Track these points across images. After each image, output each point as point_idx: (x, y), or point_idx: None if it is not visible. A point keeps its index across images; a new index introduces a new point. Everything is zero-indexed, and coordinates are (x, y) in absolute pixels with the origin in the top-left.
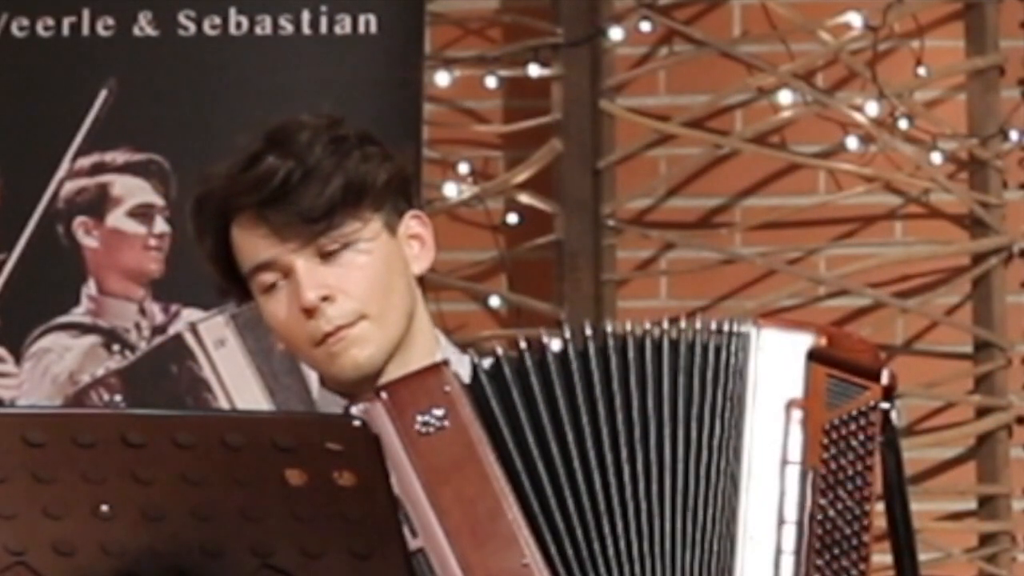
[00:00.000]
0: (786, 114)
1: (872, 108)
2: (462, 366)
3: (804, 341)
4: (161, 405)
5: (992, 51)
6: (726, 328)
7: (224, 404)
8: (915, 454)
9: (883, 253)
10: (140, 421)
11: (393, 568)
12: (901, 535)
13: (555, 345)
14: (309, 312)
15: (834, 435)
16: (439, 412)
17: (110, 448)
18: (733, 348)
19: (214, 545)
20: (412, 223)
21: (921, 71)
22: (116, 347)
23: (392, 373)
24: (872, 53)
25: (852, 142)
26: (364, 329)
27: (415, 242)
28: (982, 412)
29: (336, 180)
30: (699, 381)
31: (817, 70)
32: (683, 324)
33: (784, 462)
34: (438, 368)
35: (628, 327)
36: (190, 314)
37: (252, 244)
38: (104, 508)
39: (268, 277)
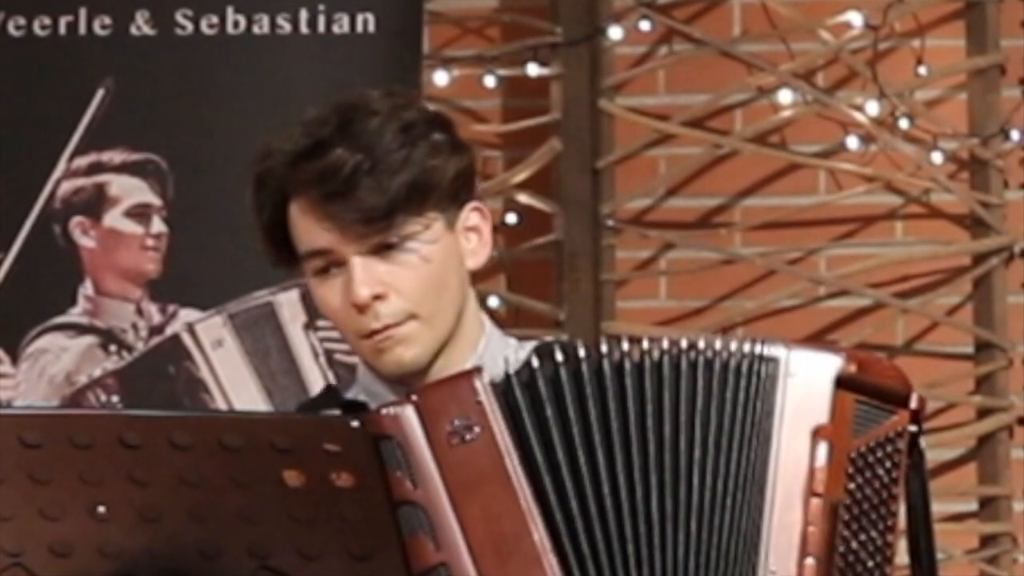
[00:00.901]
0: (786, 114)
1: (872, 108)
2: (507, 351)
3: (833, 365)
4: (158, 406)
5: (993, 50)
6: (758, 350)
7: (222, 405)
8: None
9: (883, 253)
10: (137, 422)
11: (391, 570)
12: (923, 560)
13: (591, 358)
14: (360, 308)
15: (860, 463)
16: (470, 422)
17: (107, 449)
18: (764, 372)
19: (211, 546)
20: (472, 215)
21: (922, 70)
22: (113, 348)
23: (437, 366)
24: (872, 52)
25: (852, 142)
26: (412, 329)
27: (473, 235)
28: (983, 413)
29: (401, 177)
30: (730, 406)
31: (817, 69)
32: (718, 343)
33: (808, 493)
34: (470, 376)
35: (666, 344)
36: (187, 314)
37: (310, 229)
38: (101, 509)
39: (322, 263)
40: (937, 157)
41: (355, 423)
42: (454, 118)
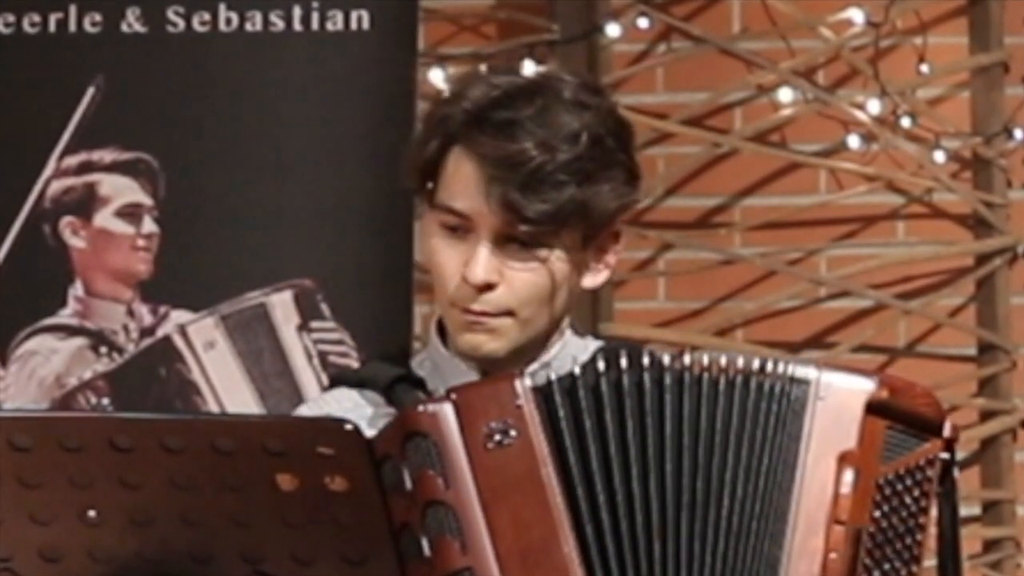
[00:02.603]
0: (786, 112)
1: (874, 106)
2: (580, 353)
3: (864, 390)
4: (150, 408)
5: (996, 48)
6: (791, 372)
7: (214, 407)
8: None
9: (885, 254)
10: (128, 425)
11: (386, 575)
12: None
13: (633, 369)
14: (471, 284)
15: (887, 491)
16: (508, 426)
17: (97, 452)
18: (794, 395)
19: (203, 551)
20: (608, 243)
21: (924, 68)
22: (104, 349)
23: (510, 359)
24: (874, 50)
25: (853, 141)
26: (505, 324)
27: (601, 255)
28: (986, 416)
29: (574, 193)
30: (761, 430)
31: (818, 67)
32: (756, 363)
33: (832, 519)
34: (511, 379)
35: (706, 360)
36: (179, 316)
37: (462, 191)
38: (91, 513)
39: (455, 222)
40: (939, 156)
41: (349, 426)
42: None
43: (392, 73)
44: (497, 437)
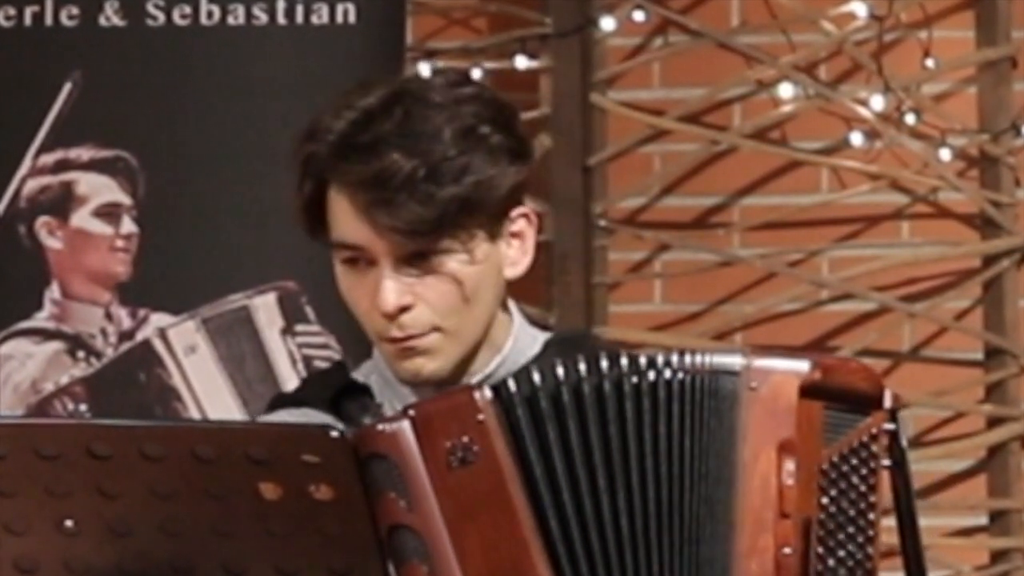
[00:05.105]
0: (787, 108)
1: (877, 102)
2: (531, 349)
3: (796, 374)
4: (129, 415)
5: (1004, 42)
6: (716, 363)
7: (195, 414)
8: (923, 467)
9: (889, 255)
10: (106, 432)
11: None
12: (911, 561)
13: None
14: (384, 315)
15: (833, 474)
16: (470, 443)
17: (75, 460)
18: (726, 388)
19: (184, 562)
20: (519, 221)
21: (929, 63)
22: (81, 354)
23: (458, 373)
24: (878, 44)
25: (856, 138)
26: (435, 341)
27: (516, 241)
28: (993, 422)
29: (454, 190)
30: (699, 430)
31: (820, 62)
32: (659, 359)
33: (779, 515)
34: (471, 392)
35: (644, 360)
36: (159, 319)
37: (348, 224)
38: (68, 523)
39: (352, 256)
40: (945, 154)
41: (335, 433)
42: (516, 108)
43: (379, 69)
44: (460, 454)
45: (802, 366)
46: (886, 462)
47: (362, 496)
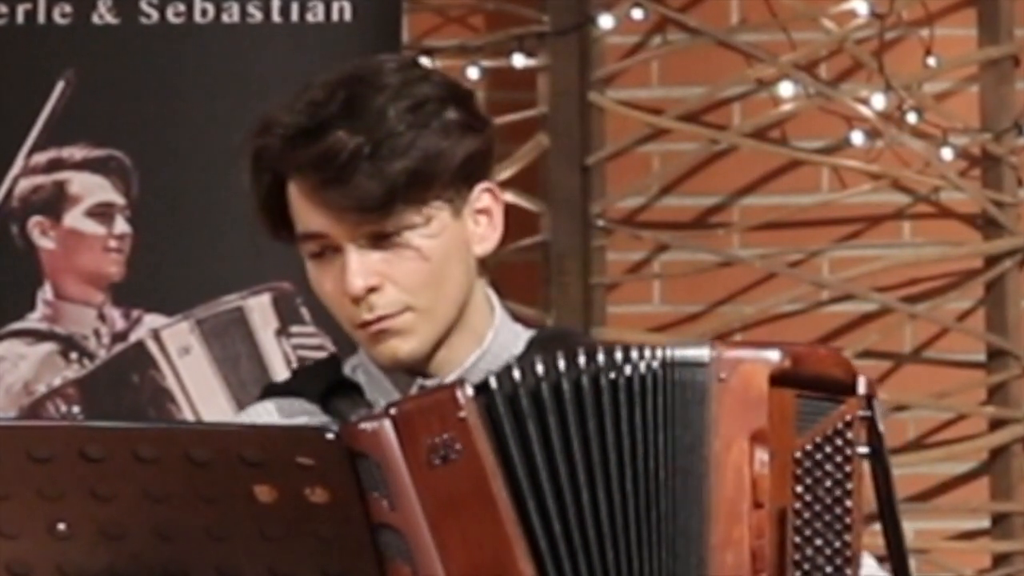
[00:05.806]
0: (787, 107)
1: (879, 101)
2: (513, 346)
3: (766, 362)
4: (122, 417)
5: (1006, 40)
6: (682, 356)
7: (189, 416)
8: (925, 469)
9: (890, 255)
10: (99, 434)
11: None
12: (893, 549)
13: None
14: (354, 299)
15: (807, 463)
16: (451, 440)
17: (67, 463)
18: (696, 380)
19: (178, 565)
20: (483, 197)
21: (931, 62)
22: (74, 355)
23: (439, 357)
24: (879, 42)
25: (857, 137)
26: (408, 321)
27: (483, 218)
28: (996, 424)
29: (402, 163)
30: (663, 426)
31: (820, 61)
32: (634, 354)
33: (753, 506)
34: (452, 389)
35: (601, 361)
36: (152, 320)
37: (306, 213)
38: (61, 526)
39: (317, 247)
40: (947, 153)
41: (330, 435)
42: (472, 90)
43: None
44: (442, 452)
45: (772, 355)
46: (863, 449)
47: (357, 499)
